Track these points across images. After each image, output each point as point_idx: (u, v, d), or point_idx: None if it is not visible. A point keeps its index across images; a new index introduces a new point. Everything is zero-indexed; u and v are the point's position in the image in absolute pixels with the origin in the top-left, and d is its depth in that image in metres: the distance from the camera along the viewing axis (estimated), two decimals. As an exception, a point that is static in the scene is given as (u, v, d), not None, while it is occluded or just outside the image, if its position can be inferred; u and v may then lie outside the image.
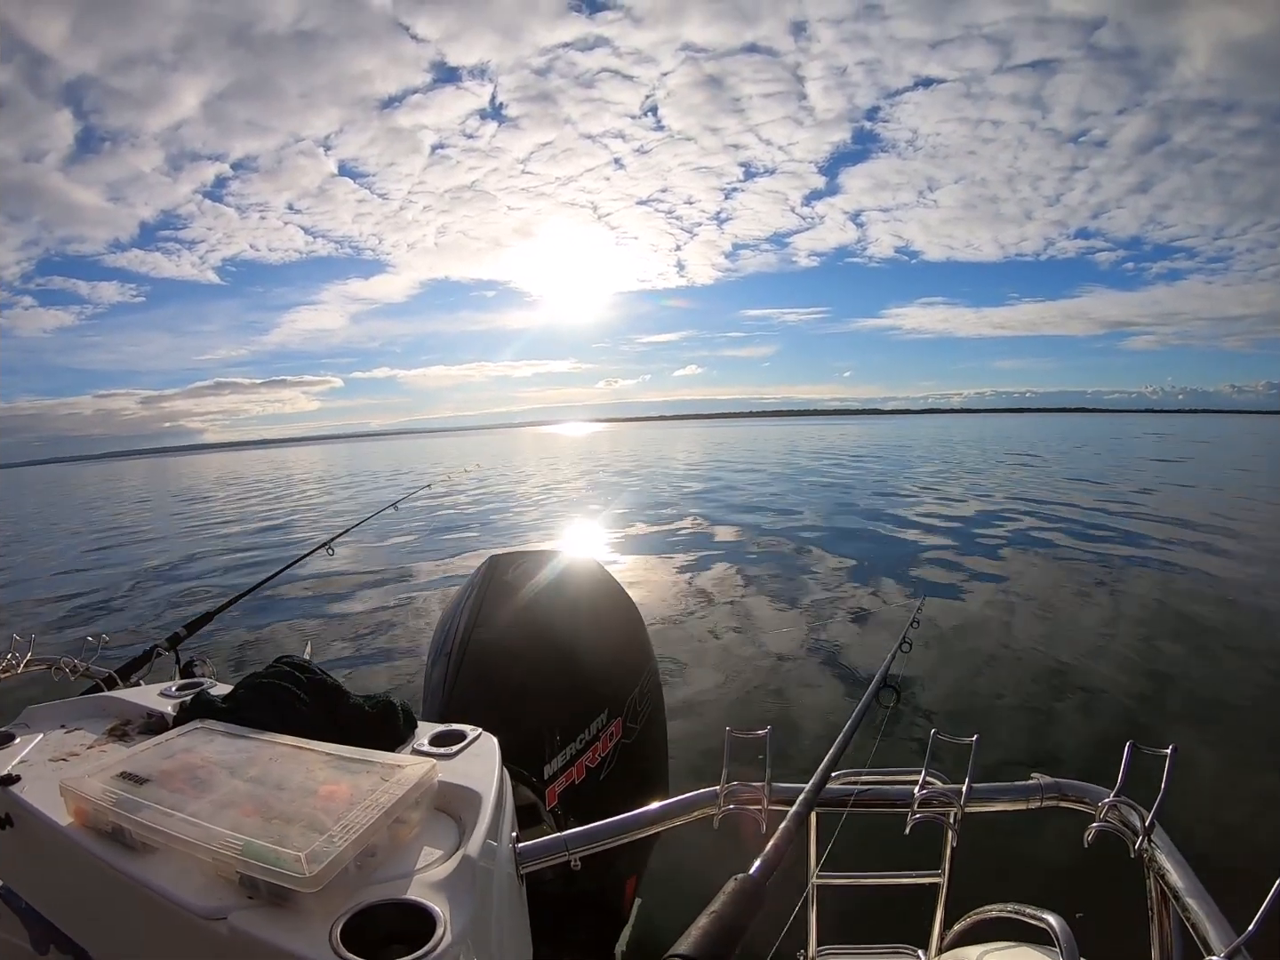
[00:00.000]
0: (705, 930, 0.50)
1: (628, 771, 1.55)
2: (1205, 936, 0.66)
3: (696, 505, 12.86)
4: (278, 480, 28.38)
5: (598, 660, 1.57)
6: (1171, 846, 0.77)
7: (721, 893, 0.54)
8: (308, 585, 7.25)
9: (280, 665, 0.92)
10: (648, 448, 39.99)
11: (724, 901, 0.54)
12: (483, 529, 11.19)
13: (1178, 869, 0.74)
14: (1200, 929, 0.67)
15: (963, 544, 8.32)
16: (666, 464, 25.65)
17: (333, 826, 0.60)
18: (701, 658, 4.71)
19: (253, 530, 12.72)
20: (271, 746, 0.76)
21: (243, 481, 29.37)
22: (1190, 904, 0.70)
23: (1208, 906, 0.69)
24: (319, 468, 38.85)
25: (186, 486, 28.65)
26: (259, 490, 23.12)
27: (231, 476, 34.67)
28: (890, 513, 11.03)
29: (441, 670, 1.45)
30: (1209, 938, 0.65)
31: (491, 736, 0.89)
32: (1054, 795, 0.89)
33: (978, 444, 32.63)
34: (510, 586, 1.61)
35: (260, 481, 28.30)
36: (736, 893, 0.54)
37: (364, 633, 5.73)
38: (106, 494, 28.41)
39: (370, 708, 0.89)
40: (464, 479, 18.43)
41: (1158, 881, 0.76)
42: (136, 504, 21.38)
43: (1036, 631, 5.07)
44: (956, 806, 0.89)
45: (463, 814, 0.73)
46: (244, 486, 25.69)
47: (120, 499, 24.35)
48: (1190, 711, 3.77)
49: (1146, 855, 0.78)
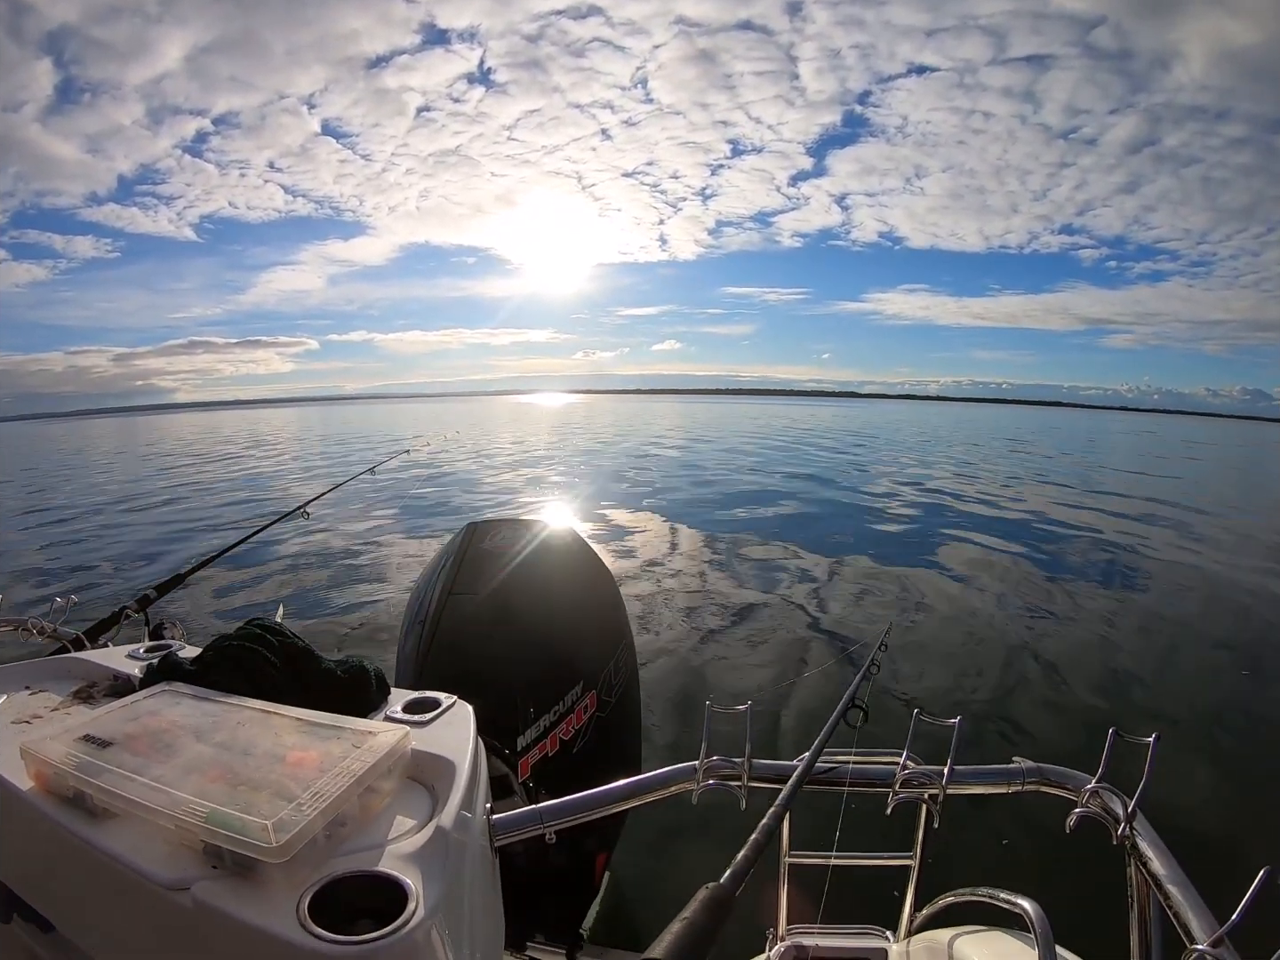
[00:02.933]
0: (678, 936, 0.51)
1: (601, 745, 1.55)
2: (1187, 925, 0.65)
3: (671, 480, 12.97)
4: (252, 442, 28.09)
5: (574, 632, 1.57)
6: (1154, 834, 0.77)
7: (694, 900, 0.55)
8: (282, 548, 7.20)
9: (251, 628, 0.89)
10: (624, 421, 39.98)
11: (695, 909, 0.55)
12: (461, 495, 11.16)
13: (1160, 857, 0.74)
14: (1182, 918, 0.67)
15: (946, 530, 8.43)
16: (644, 437, 25.72)
17: (301, 794, 0.58)
18: (672, 632, 4.77)
19: (227, 492, 12.57)
20: (239, 710, 0.74)
21: (216, 442, 29.02)
22: (1172, 892, 0.70)
23: (1190, 896, 0.69)
24: (293, 430, 38.52)
25: (158, 447, 28.18)
26: (233, 452, 22.87)
27: (204, 437, 34.25)
28: (870, 497, 11.16)
29: (415, 637, 1.44)
30: (1191, 927, 0.65)
31: (466, 705, 0.88)
32: (1035, 780, 0.89)
33: (957, 434, 32.91)
34: (488, 554, 1.59)
35: (234, 443, 27.98)
36: (709, 900, 0.55)
37: (338, 598, 5.70)
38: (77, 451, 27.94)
39: (343, 672, 0.87)
40: (442, 445, 18.29)
41: (1139, 869, 0.76)
42: (106, 465, 21.02)
43: (1018, 619, 5.17)
44: (938, 788, 0.89)
45: (436, 784, 0.72)
46: (218, 447, 25.40)
47: (89, 459, 23.94)
48: (1173, 701, 3.86)
49: (1128, 843, 0.78)
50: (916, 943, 1.07)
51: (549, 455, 18.42)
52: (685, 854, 2.44)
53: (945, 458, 19.26)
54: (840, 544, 7.51)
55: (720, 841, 2.27)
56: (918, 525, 8.88)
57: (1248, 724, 3.54)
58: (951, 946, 1.01)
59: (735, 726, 0.93)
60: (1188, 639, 4.88)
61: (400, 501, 10.48)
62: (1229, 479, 18.25)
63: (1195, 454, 27.04)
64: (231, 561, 4.19)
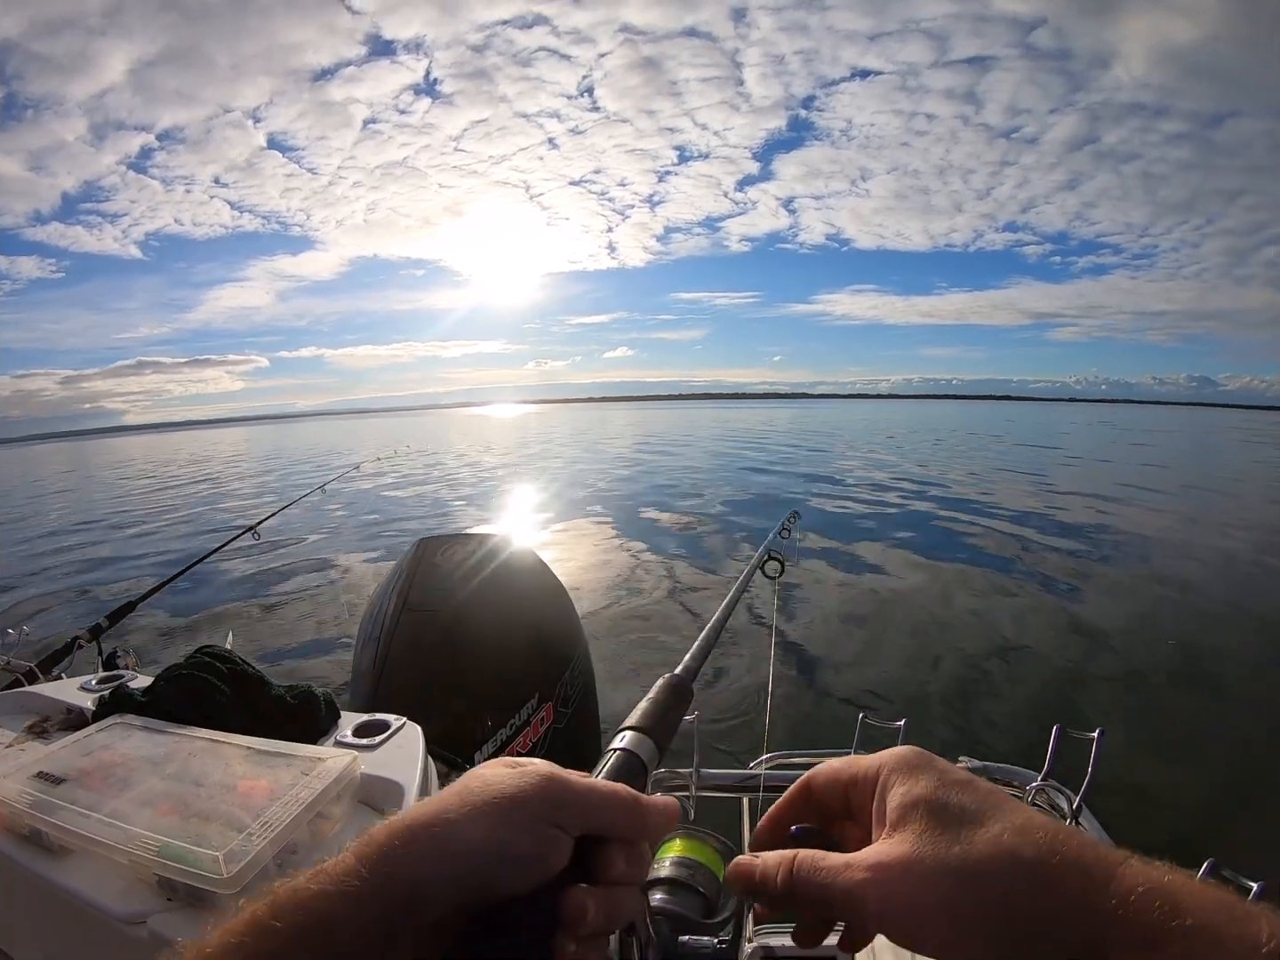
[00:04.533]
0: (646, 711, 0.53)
1: (560, 757, 1.54)
2: None
3: (620, 488, 13.07)
4: (202, 463, 27.64)
5: (528, 644, 1.57)
6: (1099, 828, 0.79)
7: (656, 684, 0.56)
8: (233, 571, 7.07)
9: (200, 656, 0.90)
10: (577, 431, 39.78)
11: (659, 689, 0.56)
12: (412, 511, 11.12)
13: None
14: None
15: (898, 530, 8.58)
16: (596, 448, 25.68)
17: (251, 824, 0.60)
18: (625, 640, 4.81)
19: (177, 516, 12.28)
20: (190, 741, 0.75)
21: (166, 465, 28.48)
22: None
23: None
24: (244, 450, 37.84)
25: (108, 472, 27.28)
26: (183, 473, 22.54)
27: (154, 460, 33.59)
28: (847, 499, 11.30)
29: (370, 656, 1.43)
30: None
31: (416, 726, 0.89)
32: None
33: (916, 431, 33.32)
34: (440, 570, 1.59)
35: (184, 464, 27.50)
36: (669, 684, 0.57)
37: (290, 618, 5.63)
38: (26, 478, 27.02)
39: (292, 698, 0.89)
40: (393, 461, 18.13)
41: None
42: (57, 492, 20.29)
43: (961, 617, 5.27)
44: None
45: (385, 807, 0.73)
46: (168, 470, 24.89)
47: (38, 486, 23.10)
48: (1117, 695, 3.94)
49: None
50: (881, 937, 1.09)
51: (499, 468, 18.35)
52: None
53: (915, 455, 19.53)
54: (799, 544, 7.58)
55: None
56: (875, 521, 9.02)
57: (1190, 716, 3.62)
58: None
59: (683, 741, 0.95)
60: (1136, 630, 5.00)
61: (351, 519, 10.37)
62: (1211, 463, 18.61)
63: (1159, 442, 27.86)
64: (183, 586, 4.11)
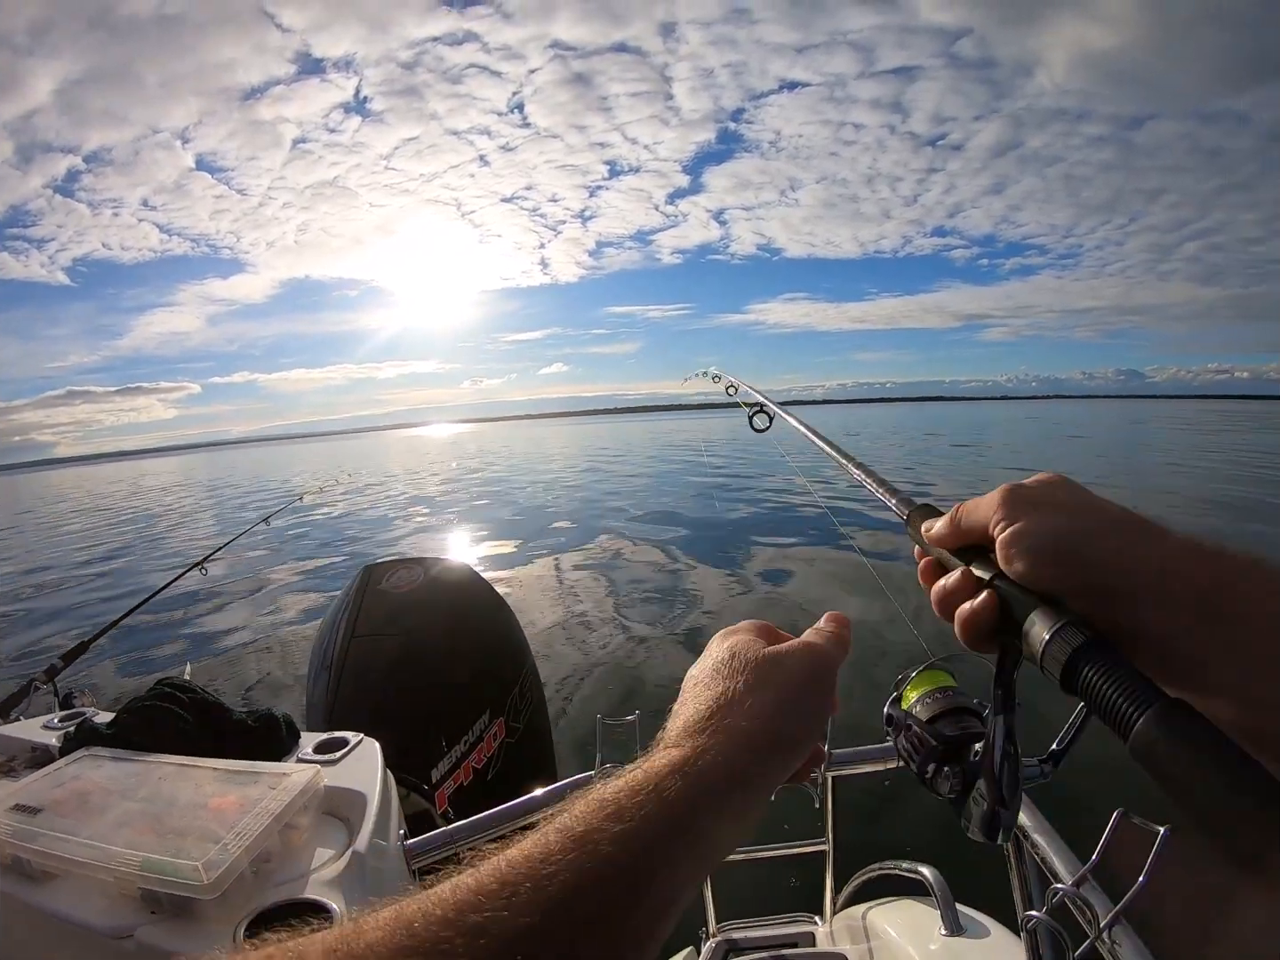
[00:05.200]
0: None
1: (515, 769, 1.60)
2: (1054, 869, 0.72)
3: (561, 505, 13.19)
4: (139, 496, 26.75)
5: (476, 662, 1.61)
6: (1033, 807, 0.83)
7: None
8: (184, 606, 6.94)
9: (161, 687, 0.93)
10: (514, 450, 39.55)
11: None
12: (356, 538, 11.06)
13: (1025, 811, 0.79)
14: (1048, 863, 0.73)
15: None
16: (534, 467, 25.60)
17: (226, 835, 0.64)
18: (567, 650, 4.90)
19: (121, 553, 11.90)
20: (159, 767, 0.79)
21: (102, 498, 27.53)
22: (1039, 841, 0.76)
23: (1055, 842, 0.75)
24: (180, 480, 36.76)
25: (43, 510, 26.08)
26: (123, 509, 21.70)
27: (91, 493, 32.35)
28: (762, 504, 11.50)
29: (323, 683, 1.46)
30: (1057, 869, 0.72)
31: (373, 741, 0.93)
32: None
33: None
34: (386, 595, 1.62)
35: (122, 497, 26.58)
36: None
37: (244, 650, 5.59)
38: None
39: (254, 721, 0.92)
40: (335, 489, 17.88)
41: None
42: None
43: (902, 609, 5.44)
44: (819, 773, 0.91)
45: (350, 815, 0.78)
46: (105, 504, 24.00)
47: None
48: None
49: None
50: (839, 921, 1.13)
51: (440, 491, 18.21)
52: None
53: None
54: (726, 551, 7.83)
55: None
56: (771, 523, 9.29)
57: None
58: (866, 920, 1.08)
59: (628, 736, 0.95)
60: None
61: (297, 549, 10.28)
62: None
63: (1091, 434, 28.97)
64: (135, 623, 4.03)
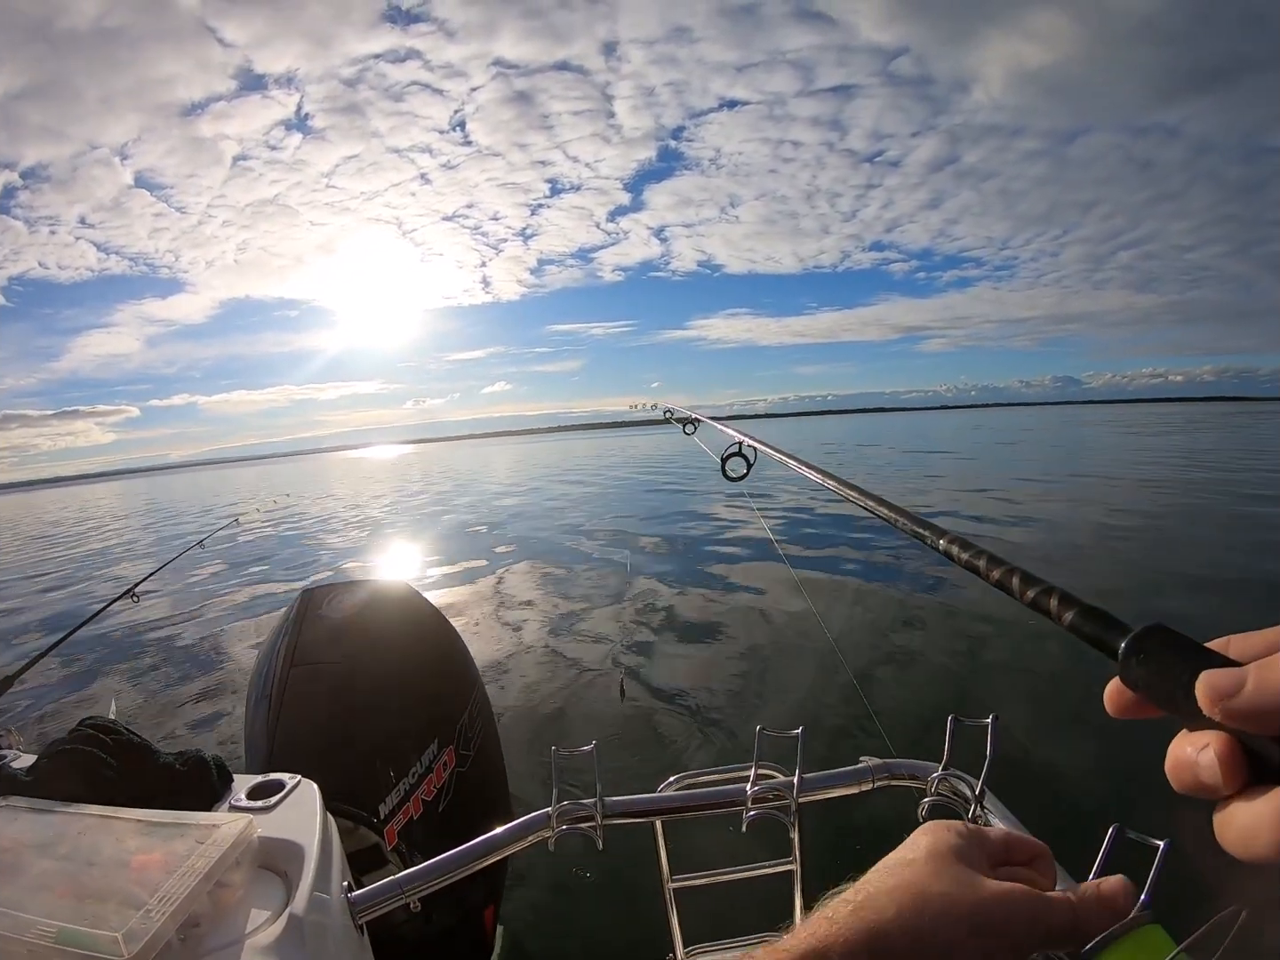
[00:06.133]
0: None
1: (467, 799, 1.54)
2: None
3: (502, 525, 13.11)
4: (74, 522, 25.78)
5: (422, 689, 1.55)
6: (1005, 810, 0.82)
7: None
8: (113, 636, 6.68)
9: (83, 728, 0.88)
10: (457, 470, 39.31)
11: None
12: (294, 562, 10.78)
13: (1012, 826, 0.77)
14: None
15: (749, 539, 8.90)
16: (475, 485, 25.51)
17: (149, 899, 0.59)
18: (514, 674, 4.85)
19: (50, 581, 11.41)
20: (80, 819, 0.73)
21: (35, 525, 26.60)
22: None
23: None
24: (118, 506, 35.67)
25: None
26: (54, 535, 20.94)
27: (25, 519, 31.34)
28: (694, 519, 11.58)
29: (262, 714, 1.39)
30: None
31: (312, 783, 0.88)
32: (885, 776, 0.92)
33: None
34: (326, 620, 1.56)
35: (54, 525, 25.60)
36: None
37: (177, 682, 5.37)
38: None
39: (181, 765, 0.87)
40: (274, 512, 17.49)
41: None
42: None
43: (847, 622, 5.53)
44: (791, 799, 0.90)
45: (288, 869, 0.73)
46: (37, 532, 23.11)
47: None
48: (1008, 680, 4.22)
49: (981, 821, 0.80)
50: None
51: (381, 512, 17.97)
52: (579, 886, 2.48)
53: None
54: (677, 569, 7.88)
55: (614, 869, 2.32)
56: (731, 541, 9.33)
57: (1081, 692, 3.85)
58: None
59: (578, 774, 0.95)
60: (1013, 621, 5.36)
61: (234, 574, 9.98)
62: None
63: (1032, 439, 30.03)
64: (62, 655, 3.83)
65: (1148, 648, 0.32)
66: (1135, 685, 0.32)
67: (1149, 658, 0.32)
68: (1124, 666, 0.33)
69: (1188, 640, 0.31)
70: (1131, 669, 0.32)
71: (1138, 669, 0.32)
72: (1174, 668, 0.30)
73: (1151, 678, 0.32)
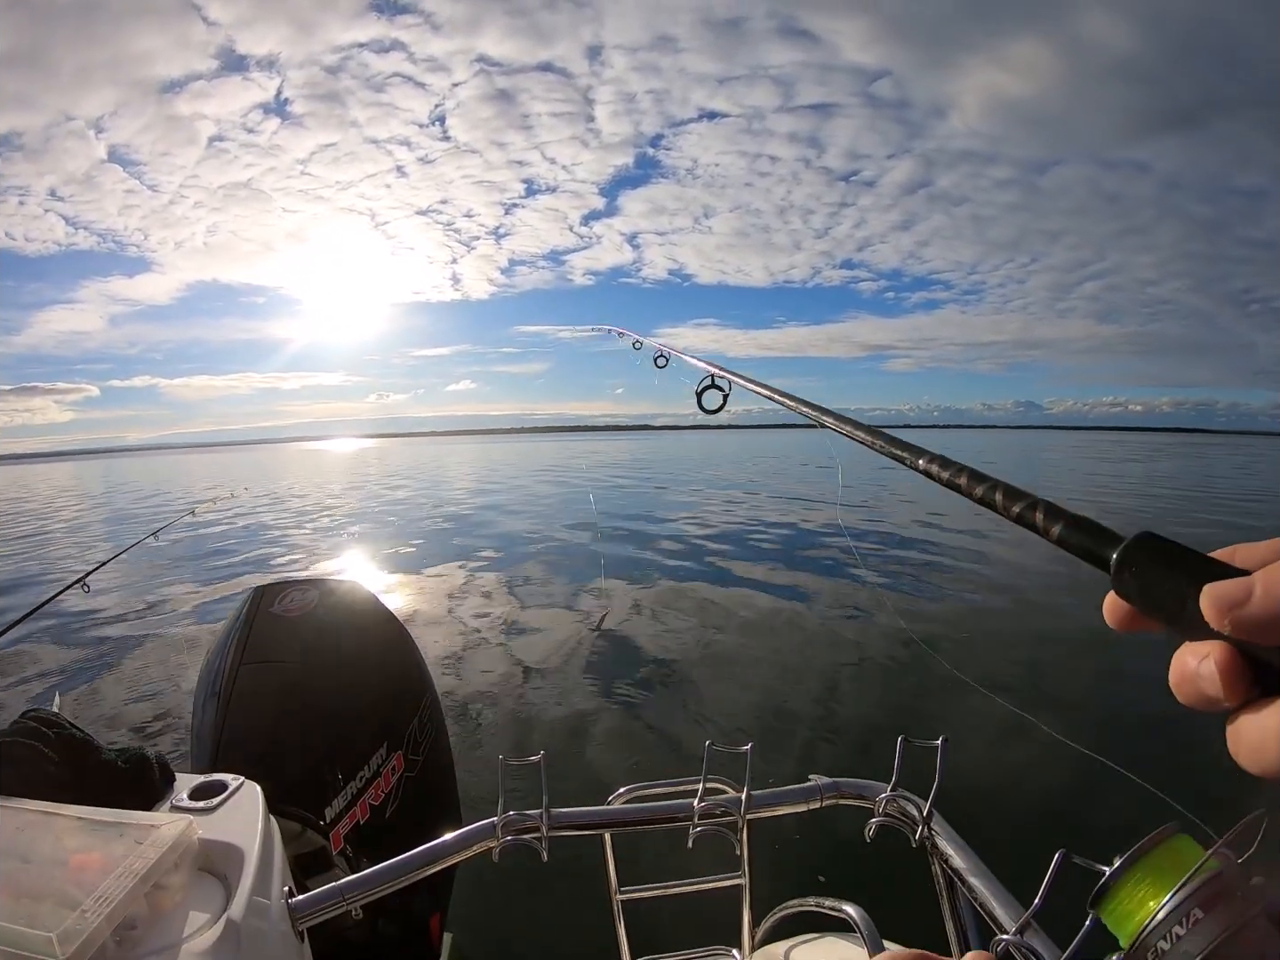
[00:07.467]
0: None
1: (415, 806, 1.52)
2: (993, 914, 0.69)
3: (458, 527, 13.24)
4: (25, 503, 24.99)
5: (373, 691, 1.54)
6: (952, 832, 0.81)
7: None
8: (59, 627, 6.49)
9: (25, 721, 0.86)
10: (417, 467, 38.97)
11: None
12: (249, 557, 10.70)
13: (960, 853, 0.77)
14: (987, 907, 0.70)
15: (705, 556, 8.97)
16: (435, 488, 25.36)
17: (85, 900, 0.58)
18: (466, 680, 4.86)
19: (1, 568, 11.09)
20: (17, 814, 0.72)
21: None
22: (975, 884, 0.73)
23: (992, 885, 0.72)
24: (71, 488, 34.70)
25: None
26: (4, 514, 20.29)
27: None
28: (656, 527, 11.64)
29: (210, 712, 1.37)
30: (996, 915, 0.68)
31: (255, 785, 0.87)
32: (833, 795, 0.92)
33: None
34: (277, 618, 1.54)
35: (7, 504, 24.77)
36: None
37: (124, 676, 5.28)
38: None
39: (123, 763, 0.86)
40: (230, 504, 17.19)
41: (943, 866, 0.79)
42: None
43: (796, 640, 5.58)
44: (738, 815, 0.90)
45: (228, 872, 0.72)
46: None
47: None
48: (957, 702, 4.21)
49: (929, 843, 0.80)
50: (759, 956, 1.10)
51: (339, 508, 17.82)
52: (527, 895, 2.48)
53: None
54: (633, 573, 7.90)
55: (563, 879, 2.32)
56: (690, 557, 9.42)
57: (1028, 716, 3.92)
58: (789, 957, 1.05)
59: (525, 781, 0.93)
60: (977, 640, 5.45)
61: (187, 567, 9.85)
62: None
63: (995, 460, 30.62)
64: (4, 646, 3.71)
65: (1140, 558, 0.30)
66: (1130, 597, 0.31)
67: (1142, 569, 0.30)
68: (1117, 579, 0.31)
69: (1182, 548, 0.29)
70: (1125, 580, 0.31)
71: (1132, 581, 0.30)
72: (1171, 578, 0.29)
73: (1146, 589, 0.30)
